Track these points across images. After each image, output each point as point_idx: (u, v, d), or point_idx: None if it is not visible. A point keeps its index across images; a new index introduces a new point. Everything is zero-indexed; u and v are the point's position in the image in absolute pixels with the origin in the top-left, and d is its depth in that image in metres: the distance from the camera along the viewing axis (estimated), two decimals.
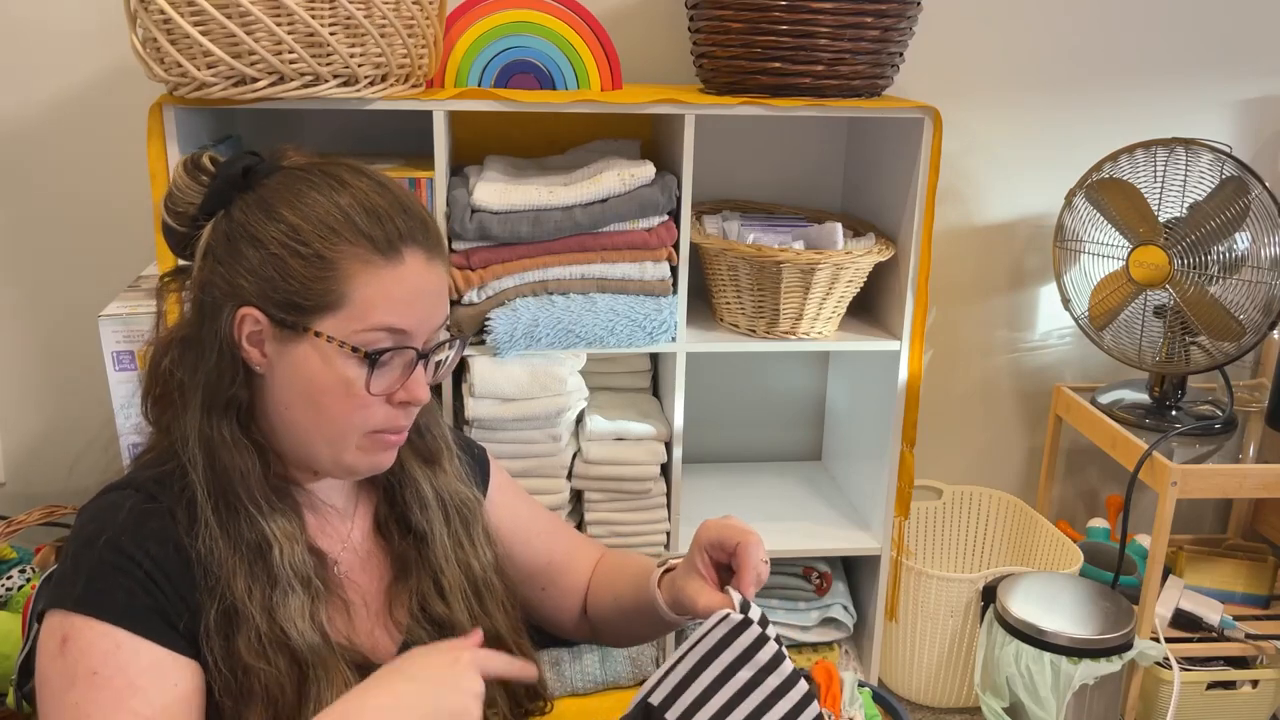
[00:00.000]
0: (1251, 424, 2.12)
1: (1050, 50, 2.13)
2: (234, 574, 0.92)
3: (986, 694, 1.89)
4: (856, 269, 1.80)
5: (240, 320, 0.94)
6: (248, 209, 0.94)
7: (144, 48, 1.48)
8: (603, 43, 1.76)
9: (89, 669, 0.86)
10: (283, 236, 0.92)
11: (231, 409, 0.96)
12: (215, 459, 0.94)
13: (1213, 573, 2.12)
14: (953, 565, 2.35)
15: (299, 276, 0.92)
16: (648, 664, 1.97)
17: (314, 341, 0.93)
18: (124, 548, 0.89)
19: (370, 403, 0.95)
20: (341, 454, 0.97)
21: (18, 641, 1.61)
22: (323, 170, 0.97)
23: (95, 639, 0.87)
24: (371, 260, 0.92)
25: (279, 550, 0.94)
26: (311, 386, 0.94)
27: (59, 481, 2.06)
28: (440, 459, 1.10)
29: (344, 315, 0.92)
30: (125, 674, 0.86)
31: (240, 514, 0.94)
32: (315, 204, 0.93)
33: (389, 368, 0.95)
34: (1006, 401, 2.34)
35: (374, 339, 0.93)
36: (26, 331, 2.02)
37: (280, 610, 0.92)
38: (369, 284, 0.92)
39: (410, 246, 0.94)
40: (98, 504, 0.94)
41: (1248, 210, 1.87)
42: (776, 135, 2.10)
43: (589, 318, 1.72)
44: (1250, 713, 2.01)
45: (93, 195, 1.96)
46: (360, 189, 0.95)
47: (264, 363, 0.95)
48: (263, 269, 0.92)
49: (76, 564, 0.90)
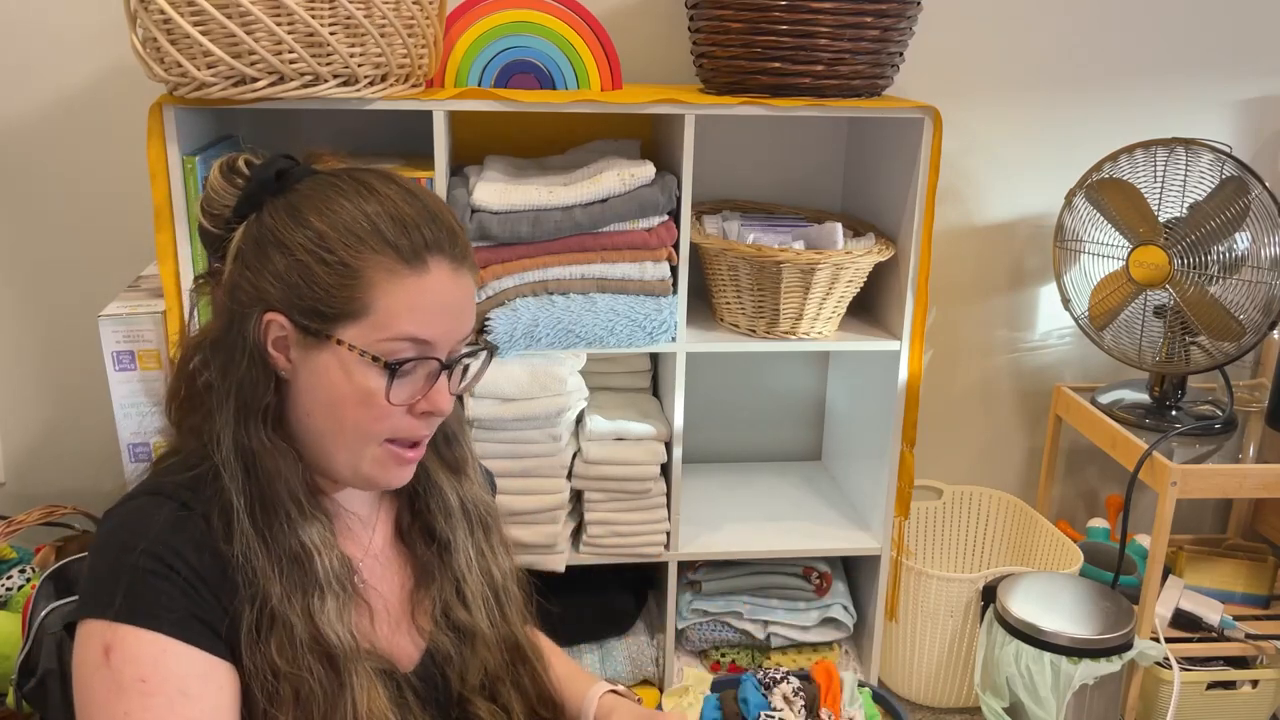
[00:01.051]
0: (1251, 424, 2.12)
1: (1050, 50, 2.13)
2: (271, 579, 0.91)
3: (986, 694, 1.89)
4: (856, 269, 1.80)
5: (266, 325, 0.93)
6: (276, 214, 0.94)
7: (144, 48, 1.48)
8: (603, 43, 1.76)
9: (137, 677, 0.85)
10: (309, 243, 0.92)
11: (267, 415, 0.95)
12: (254, 464, 0.94)
13: (1213, 573, 2.12)
14: (953, 565, 2.35)
15: (323, 284, 0.91)
16: (647, 664, 1.97)
17: (336, 349, 0.92)
18: (162, 555, 0.89)
19: (391, 413, 0.94)
20: (359, 464, 0.97)
21: (18, 641, 1.60)
22: (353, 176, 0.96)
23: (140, 647, 0.86)
24: (396, 270, 0.92)
25: (320, 557, 0.94)
26: (333, 394, 0.93)
27: (59, 481, 2.06)
28: (465, 468, 1.11)
29: (367, 324, 0.92)
30: (174, 680, 0.86)
31: (279, 518, 0.94)
32: (342, 211, 0.93)
33: (411, 378, 0.95)
34: (1006, 401, 2.34)
35: (396, 349, 0.93)
36: (26, 331, 2.02)
37: (319, 614, 0.92)
38: (393, 293, 0.92)
39: (436, 256, 0.93)
40: (126, 510, 0.93)
41: (1248, 210, 1.87)
42: (776, 135, 2.10)
43: (589, 318, 1.72)
44: (1250, 713, 2.01)
45: (93, 195, 1.96)
46: (389, 197, 0.94)
47: (289, 368, 0.95)
48: (289, 275, 0.92)
49: (114, 573, 0.88)
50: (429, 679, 1.04)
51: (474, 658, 1.06)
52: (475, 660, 1.06)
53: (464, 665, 1.05)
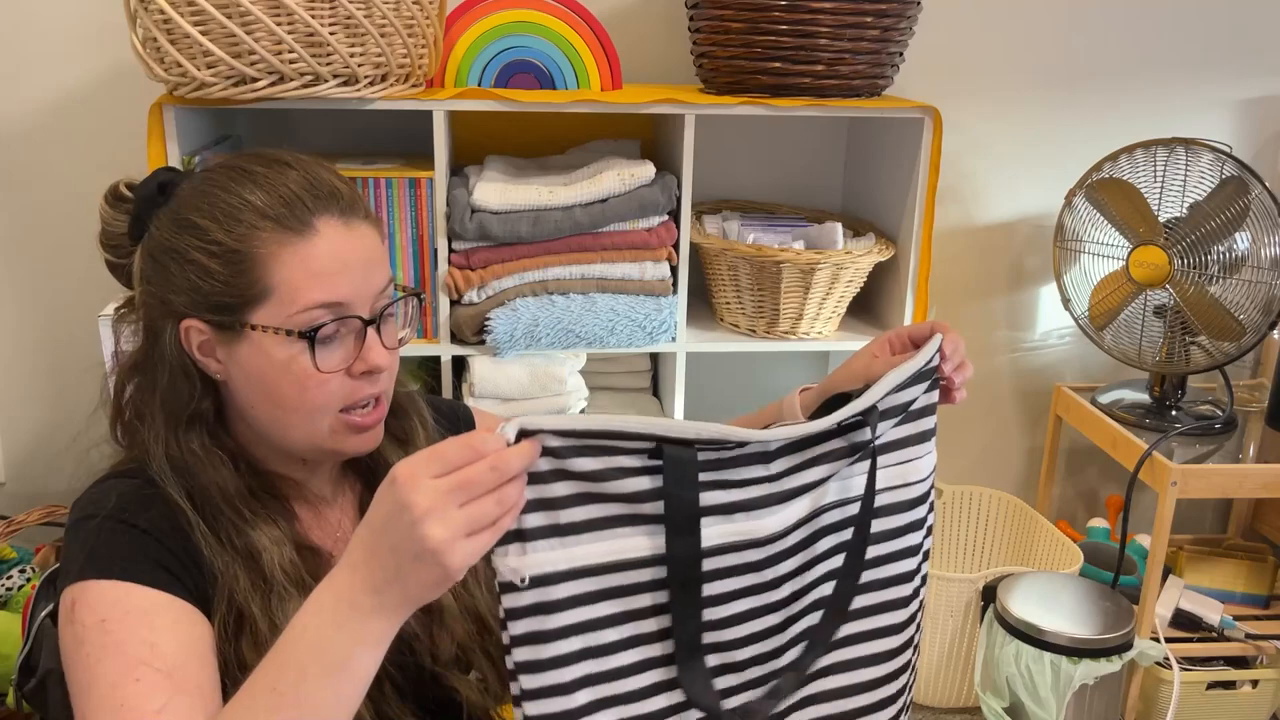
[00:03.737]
0: (1251, 424, 2.12)
1: (1050, 50, 2.13)
2: (235, 579, 0.91)
3: (986, 694, 1.89)
4: (856, 269, 1.80)
5: (185, 333, 0.94)
6: (162, 225, 0.95)
7: (144, 48, 1.48)
8: (603, 43, 1.76)
9: (97, 619, 0.85)
10: (194, 241, 0.92)
11: (197, 423, 0.95)
12: (190, 476, 0.94)
13: (1213, 573, 2.12)
14: (953, 565, 2.35)
15: (219, 276, 0.92)
16: None
17: (253, 336, 0.92)
18: (123, 516, 0.89)
19: (327, 380, 0.94)
20: (316, 439, 0.97)
21: (18, 641, 1.60)
22: (227, 166, 0.96)
23: (101, 593, 0.86)
24: (286, 240, 0.91)
25: (268, 557, 0.94)
26: (265, 380, 0.93)
27: (59, 481, 2.05)
28: (415, 439, 1.09)
29: (274, 302, 0.92)
30: (135, 614, 0.85)
31: (227, 525, 0.94)
32: (218, 200, 0.93)
33: (336, 342, 0.94)
34: (1006, 401, 2.34)
35: (311, 318, 0.92)
36: (26, 331, 2.02)
37: (279, 615, 0.92)
38: (288, 265, 0.91)
39: (322, 216, 0.93)
40: (89, 493, 0.95)
41: (1248, 210, 1.87)
42: (776, 135, 2.10)
43: (589, 318, 1.72)
44: (1250, 713, 2.01)
45: (93, 195, 1.93)
46: (261, 174, 0.94)
47: (221, 369, 0.95)
48: (186, 278, 0.93)
49: (79, 542, 0.89)
50: (402, 663, 1.03)
51: (443, 632, 1.05)
52: (444, 635, 1.05)
53: (433, 643, 1.05)
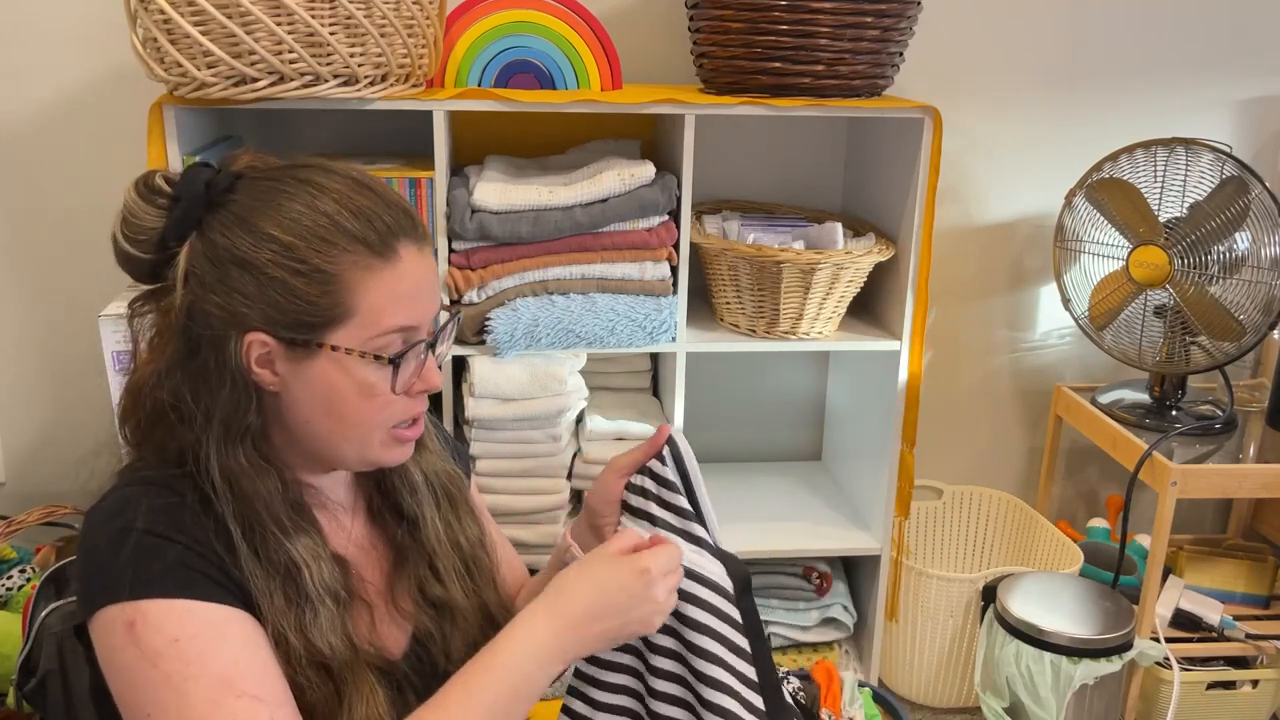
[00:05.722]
0: (1251, 424, 2.12)
1: (1050, 50, 2.13)
2: (269, 596, 0.91)
3: (986, 694, 1.89)
4: (856, 269, 1.80)
5: (248, 346, 0.92)
6: (226, 229, 0.91)
7: (144, 48, 1.48)
8: (603, 43, 1.76)
9: (169, 639, 0.84)
10: (277, 257, 0.90)
11: (248, 435, 0.94)
12: (238, 488, 0.93)
13: (1213, 573, 2.12)
14: (953, 565, 2.35)
15: (303, 295, 0.90)
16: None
17: (330, 355, 0.92)
18: (159, 530, 0.88)
19: (393, 400, 0.95)
20: (366, 453, 0.98)
21: (18, 641, 1.60)
22: (294, 176, 0.93)
23: (163, 613, 0.85)
24: (371, 265, 0.91)
25: (309, 571, 0.94)
26: (332, 397, 0.93)
27: (59, 481, 2.06)
28: (424, 439, 1.11)
29: (355, 324, 0.92)
30: (207, 629, 0.86)
31: (268, 539, 0.93)
32: (301, 216, 0.91)
33: (405, 364, 0.95)
34: (1006, 401, 2.34)
35: (388, 342, 0.93)
36: (26, 331, 2.02)
37: (313, 629, 0.92)
38: (374, 289, 0.92)
39: (402, 241, 0.93)
40: (112, 500, 0.92)
41: (1248, 210, 1.87)
42: (776, 135, 2.10)
43: (589, 318, 1.72)
44: (1250, 713, 2.01)
45: (93, 195, 1.96)
46: (339, 191, 0.93)
47: (276, 381, 0.94)
48: (263, 293, 0.90)
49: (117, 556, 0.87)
50: (419, 664, 1.04)
51: (455, 632, 1.06)
52: (457, 634, 1.06)
53: (446, 642, 1.06)
